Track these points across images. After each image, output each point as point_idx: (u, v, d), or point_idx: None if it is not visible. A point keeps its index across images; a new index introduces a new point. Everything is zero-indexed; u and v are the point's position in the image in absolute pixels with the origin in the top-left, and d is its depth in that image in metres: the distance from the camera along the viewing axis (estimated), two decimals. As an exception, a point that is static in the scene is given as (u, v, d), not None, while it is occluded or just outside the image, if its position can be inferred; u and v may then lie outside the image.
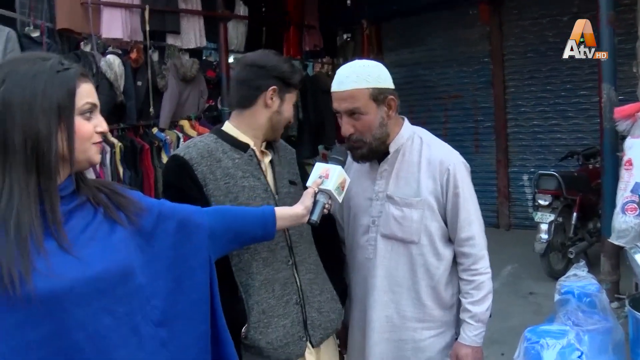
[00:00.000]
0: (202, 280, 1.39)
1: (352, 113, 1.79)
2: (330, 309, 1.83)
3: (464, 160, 1.91)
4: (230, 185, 1.70)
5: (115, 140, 5.30)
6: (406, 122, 1.93)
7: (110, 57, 5.17)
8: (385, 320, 1.87)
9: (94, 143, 1.23)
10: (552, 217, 5.28)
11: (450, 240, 1.88)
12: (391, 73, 1.87)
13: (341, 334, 1.99)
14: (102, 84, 5.06)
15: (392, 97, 1.84)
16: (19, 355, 1.08)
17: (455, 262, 1.89)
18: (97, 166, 5.10)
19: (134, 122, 5.52)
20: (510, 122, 7.55)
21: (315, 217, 1.63)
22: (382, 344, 1.87)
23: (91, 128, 1.22)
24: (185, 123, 5.93)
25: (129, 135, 5.50)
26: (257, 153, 1.79)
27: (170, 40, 5.91)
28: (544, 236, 5.23)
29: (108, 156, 5.21)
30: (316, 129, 7.39)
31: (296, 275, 1.77)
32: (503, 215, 7.59)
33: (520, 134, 7.52)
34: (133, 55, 5.39)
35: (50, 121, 1.15)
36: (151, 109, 5.61)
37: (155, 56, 5.77)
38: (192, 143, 1.76)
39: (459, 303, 1.89)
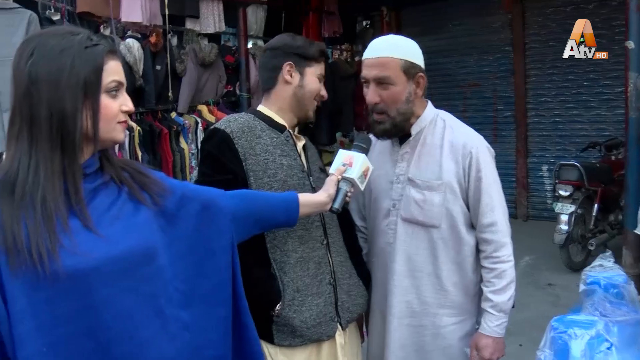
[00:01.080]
0: (224, 264, 1.38)
1: (380, 82, 1.76)
2: (357, 292, 1.84)
3: (488, 145, 1.87)
4: (269, 162, 1.71)
5: (134, 124, 5.31)
6: (429, 104, 1.90)
7: (129, 41, 5.17)
8: (405, 305, 1.84)
9: (119, 122, 1.21)
10: (572, 208, 5.21)
11: (473, 225, 1.84)
12: None
13: (360, 319, 1.97)
14: (122, 67, 5.06)
15: (422, 74, 1.81)
16: (50, 329, 1.08)
17: (478, 249, 1.85)
18: (117, 149, 5.12)
19: (152, 107, 5.52)
20: (531, 111, 7.46)
21: (337, 205, 1.62)
22: (402, 329, 1.85)
23: (117, 106, 1.20)
24: (203, 108, 5.94)
25: (147, 120, 5.51)
26: (292, 136, 1.82)
27: (189, 24, 5.89)
28: (564, 227, 5.17)
29: (127, 140, 5.23)
30: (334, 116, 7.35)
31: (329, 256, 1.77)
32: (521, 206, 7.52)
33: (540, 124, 7.42)
34: (152, 39, 5.38)
35: (76, 98, 1.13)
36: (170, 94, 5.61)
37: (174, 40, 5.77)
38: (233, 118, 1.79)
39: (482, 292, 1.84)
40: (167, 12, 5.46)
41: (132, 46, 5.14)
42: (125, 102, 1.22)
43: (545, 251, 5.75)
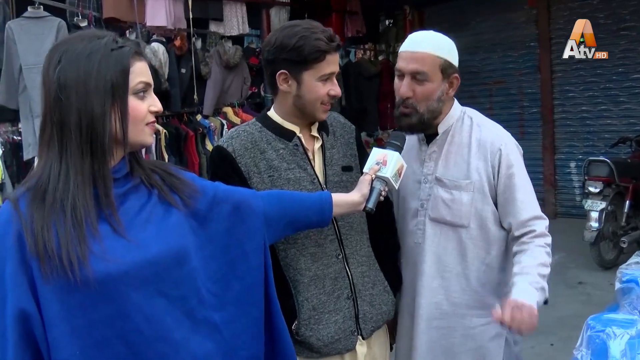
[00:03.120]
0: (256, 265, 1.37)
1: (416, 76, 1.72)
2: (382, 301, 1.78)
3: (516, 142, 1.83)
4: (274, 179, 1.64)
5: (160, 127, 5.37)
6: (456, 102, 1.87)
7: (154, 45, 5.23)
8: (434, 307, 1.81)
9: (147, 124, 1.21)
10: (602, 205, 5.12)
11: (502, 225, 1.79)
12: None
13: (390, 321, 1.93)
14: (148, 71, 5.13)
15: (456, 76, 1.79)
16: (83, 334, 1.09)
17: (507, 249, 1.80)
18: (143, 152, 5.19)
19: (178, 109, 5.58)
20: (557, 107, 7.36)
21: (371, 204, 1.58)
22: (431, 332, 1.82)
23: (145, 108, 1.20)
24: (228, 110, 5.97)
25: (173, 123, 5.57)
26: (304, 140, 1.71)
27: (213, 27, 5.93)
28: (594, 224, 5.08)
29: (153, 143, 5.29)
30: (359, 115, 7.33)
31: (347, 269, 1.71)
32: (549, 204, 7.41)
33: (567, 120, 7.31)
34: (177, 42, 5.44)
35: (104, 101, 1.13)
36: (195, 96, 5.66)
37: (199, 43, 5.81)
38: (236, 133, 1.70)
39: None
40: (191, 16, 5.51)
41: (157, 50, 5.20)
42: (153, 103, 1.22)
43: (574, 249, 5.65)
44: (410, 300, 1.88)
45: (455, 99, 1.88)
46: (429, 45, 1.73)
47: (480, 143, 1.78)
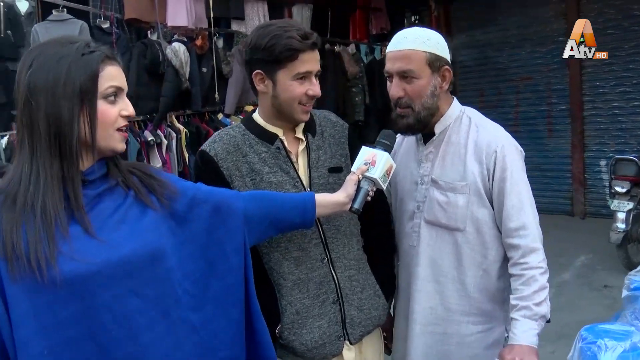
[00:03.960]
0: (236, 265, 1.38)
1: (404, 75, 1.69)
2: (371, 305, 1.75)
3: (516, 144, 1.76)
4: (256, 182, 1.63)
5: (181, 127, 5.43)
6: (455, 101, 1.81)
7: (175, 44, 5.29)
8: (429, 311, 1.77)
9: (118, 129, 1.22)
10: (630, 206, 4.96)
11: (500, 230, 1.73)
12: (461, 55, 1.77)
13: (386, 325, 1.91)
14: (168, 71, 5.19)
15: (447, 67, 1.73)
16: (51, 332, 1.10)
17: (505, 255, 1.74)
18: (164, 151, 5.26)
19: (199, 108, 5.63)
20: (587, 104, 7.14)
21: (357, 205, 1.55)
22: (426, 336, 1.78)
23: (115, 112, 1.21)
24: (250, 108, 5.99)
25: (194, 121, 5.63)
26: (287, 142, 1.69)
27: (235, 26, 5.97)
28: (621, 226, 4.93)
29: (174, 142, 5.36)
30: (383, 114, 7.27)
31: (333, 273, 1.69)
32: (578, 203, 7.23)
33: (598, 116, 7.10)
34: (198, 42, 5.49)
35: (72, 105, 1.14)
36: (216, 95, 5.70)
37: (220, 43, 5.85)
38: (219, 137, 1.69)
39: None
40: (212, 15, 5.56)
41: (178, 49, 5.25)
42: (125, 107, 1.23)
43: (602, 251, 5.50)
44: (405, 304, 1.85)
45: (455, 99, 1.83)
46: (411, 42, 1.69)
47: (476, 144, 1.72)
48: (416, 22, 8.75)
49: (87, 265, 1.12)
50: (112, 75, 1.20)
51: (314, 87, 1.61)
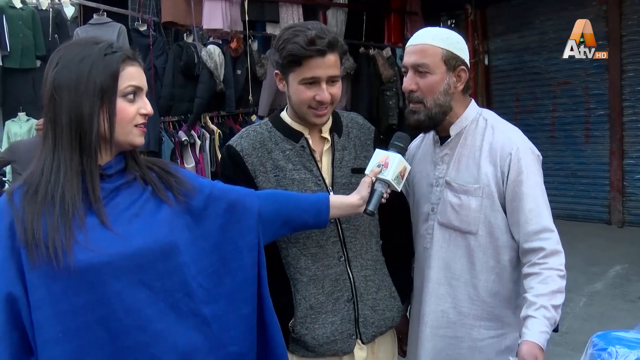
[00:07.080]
0: (249, 262, 1.41)
1: (418, 69, 1.70)
2: (386, 306, 1.76)
3: (533, 147, 1.74)
4: (279, 178, 1.66)
5: (214, 127, 5.54)
6: (473, 103, 1.81)
7: (210, 47, 5.40)
8: (440, 315, 1.77)
9: (136, 125, 1.28)
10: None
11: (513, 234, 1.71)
12: (497, 59, 1.77)
13: (401, 326, 1.92)
14: (203, 73, 5.31)
15: (463, 68, 1.73)
16: (65, 318, 1.17)
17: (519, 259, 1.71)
18: (197, 152, 5.37)
19: (233, 110, 5.74)
20: (627, 109, 6.95)
21: (371, 207, 1.56)
22: (436, 339, 1.78)
23: (133, 110, 1.27)
24: (283, 111, 6.05)
25: (228, 123, 5.74)
26: (312, 142, 1.72)
27: (270, 29, 6.04)
28: (658, 235, 4.79)
29: (208, 142, 5.47)
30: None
31: (349, 272, 1.70)
32: (615, 211, 7.02)
33: (638, 122, 6.90)
34: (233, 44, 5.59)
35: (93, 103, 1.21)
36: (250, 97, 5.79)
37: (255, 45, 5.94)
38: (246, 132, 1.74)
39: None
40: (247, 18, 5.65)
41: (212, 52, 5.36)
42: (143, 106, 1.29)
43: (639, 261, 5.35)
44: (418, 306, 1.85)
45: (473, 100, 1.83)
46: (429, 37, 1.70)
47: (491, 146, 1.71)
48: (452, 25, 8.68)
49: (99, 255, 1.18)
50: (132, 75, 1.27)
51: (322, 93, 1.60)
